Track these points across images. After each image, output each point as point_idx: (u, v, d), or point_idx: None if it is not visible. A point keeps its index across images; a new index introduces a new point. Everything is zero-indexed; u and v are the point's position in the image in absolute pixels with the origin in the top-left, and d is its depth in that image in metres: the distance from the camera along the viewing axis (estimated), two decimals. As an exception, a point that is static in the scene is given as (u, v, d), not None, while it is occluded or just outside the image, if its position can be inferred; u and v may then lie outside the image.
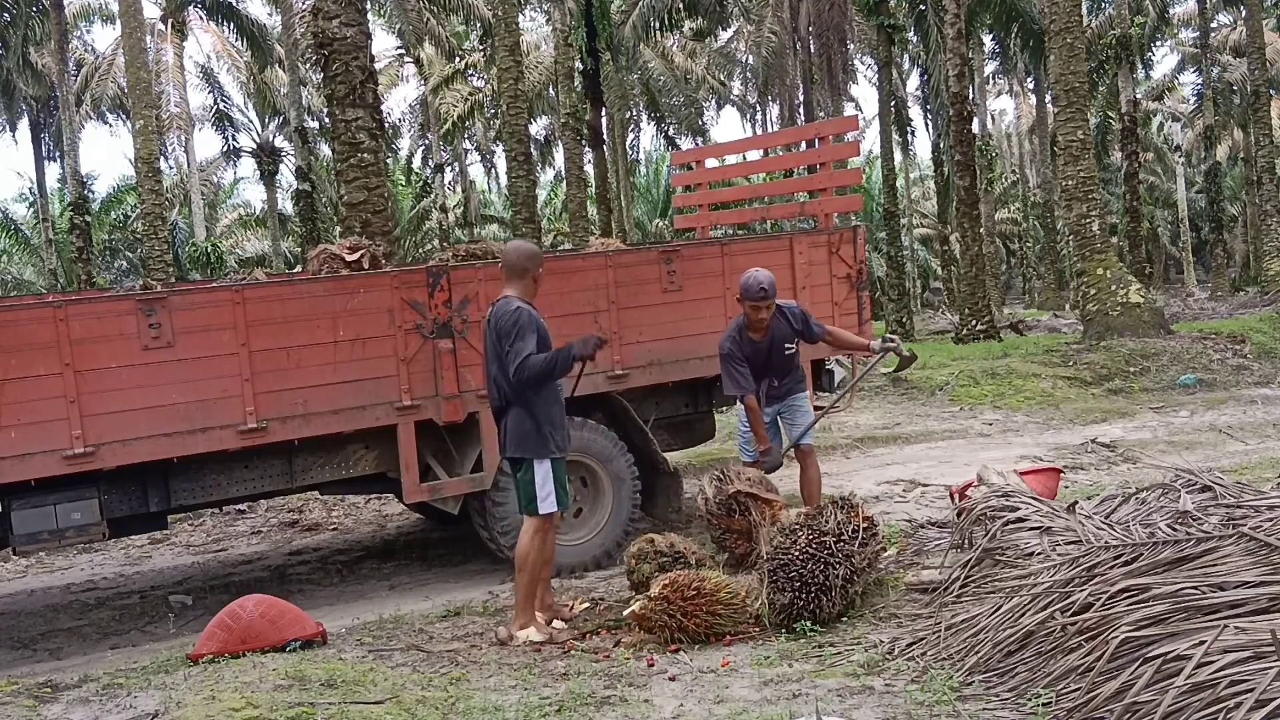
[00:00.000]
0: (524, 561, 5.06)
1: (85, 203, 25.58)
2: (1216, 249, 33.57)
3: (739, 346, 6.09)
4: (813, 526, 4.85)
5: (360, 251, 6.52)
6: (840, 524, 4.87)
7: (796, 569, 4.70)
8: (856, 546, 4.83)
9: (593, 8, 22.51)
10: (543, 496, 5.05)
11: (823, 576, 4.70)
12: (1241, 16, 30.93)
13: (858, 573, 4.85)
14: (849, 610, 4.85)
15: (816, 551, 4.73)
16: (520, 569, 5.08)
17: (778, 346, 6.16)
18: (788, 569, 4.72)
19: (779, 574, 4.74)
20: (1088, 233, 15.14)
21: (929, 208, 46.24)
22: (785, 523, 4.96)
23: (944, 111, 24.06)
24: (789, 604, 4.70)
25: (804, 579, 4.69)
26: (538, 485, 5.04)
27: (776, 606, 4.74)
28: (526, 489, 5.08)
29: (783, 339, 6.17)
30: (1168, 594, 3.64)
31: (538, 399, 5.02)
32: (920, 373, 13.28)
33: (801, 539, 4.79)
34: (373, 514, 8.77)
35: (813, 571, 4.69)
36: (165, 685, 4.46)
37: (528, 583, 5.07)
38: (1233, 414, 10.72)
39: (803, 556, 4.72)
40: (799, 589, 4.69)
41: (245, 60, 31.26)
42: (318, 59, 10.56)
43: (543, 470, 5.05)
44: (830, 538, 4.78)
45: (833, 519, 4.90)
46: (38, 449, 5.25)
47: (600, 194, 26.56)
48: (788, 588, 4.70)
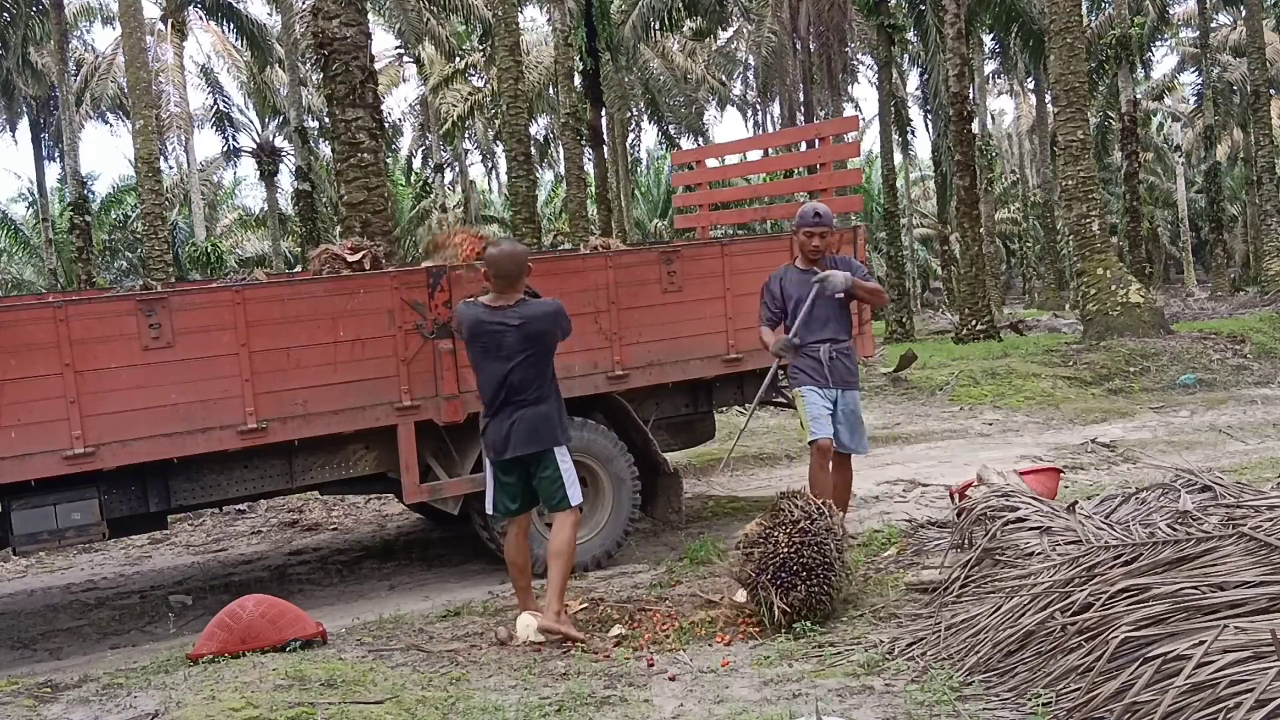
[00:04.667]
0: (564, 548, 5.04)
1: (85, 203, 25.58)
2: (1216, 249, 33.58)
3: (781, 279, 5.93)
4: (783, 523, 4.86)
5: (362, 252, 6.53)
6: (804, 510, 4.89)
7: (795, 562, 4.72)
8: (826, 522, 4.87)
9: (593, 8, 22.52)
10: (570, 483, 5.07)
11: (821, 555, 4.73)
12: (1241, 16, 30.92)
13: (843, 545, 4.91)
14: (843, 600, 4.84)
15: (803, 539, 4.75)
16: (559, 555, 5.03)
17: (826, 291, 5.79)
18: (787, 566, 4.73)
19: (781, 574, 4.74)
20: (1088, 233, 15.14)
21: (929, 208, 46.27)
22: (753, 535, 4.94)
23: (944, 111, 24.03)
24: (805, 596, 4.71)
25: (806, 566, 4.71)
26: (565, 475, 5.06)
27: (794, 605, 4.72)
28: (553, 484, 5.06)
29: None
30: (1168, 594, 3.64)
31: (555, 391, 5.10)
32: (920, 373, 13.28)
33: (782, 537, 4.80)
34: (373, 514, 8.77)
35: (810, 556, 4.72)
36: (165, 685, 4.46)
37: (564, 569, 5.06)
38: (1233, 414, 10.73)
39: (793, 550, 4.74)
40: (806, 577, 4.70)
41: (245, 60, 31.26)
42: (318, 59, 10.57)
43: (566, 457, 5.08)
44: (805, 523, 4.81)
45: (794, 509, 4.91)
46: (38, 449, 5.25)
47: (600, 194, 26.57)
48: (796, 582, 4.71)
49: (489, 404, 5.07)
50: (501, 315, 4.99)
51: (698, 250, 7.05)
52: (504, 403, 5.02)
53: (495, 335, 4.98)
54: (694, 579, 5.87)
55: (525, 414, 4.99)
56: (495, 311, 5.01)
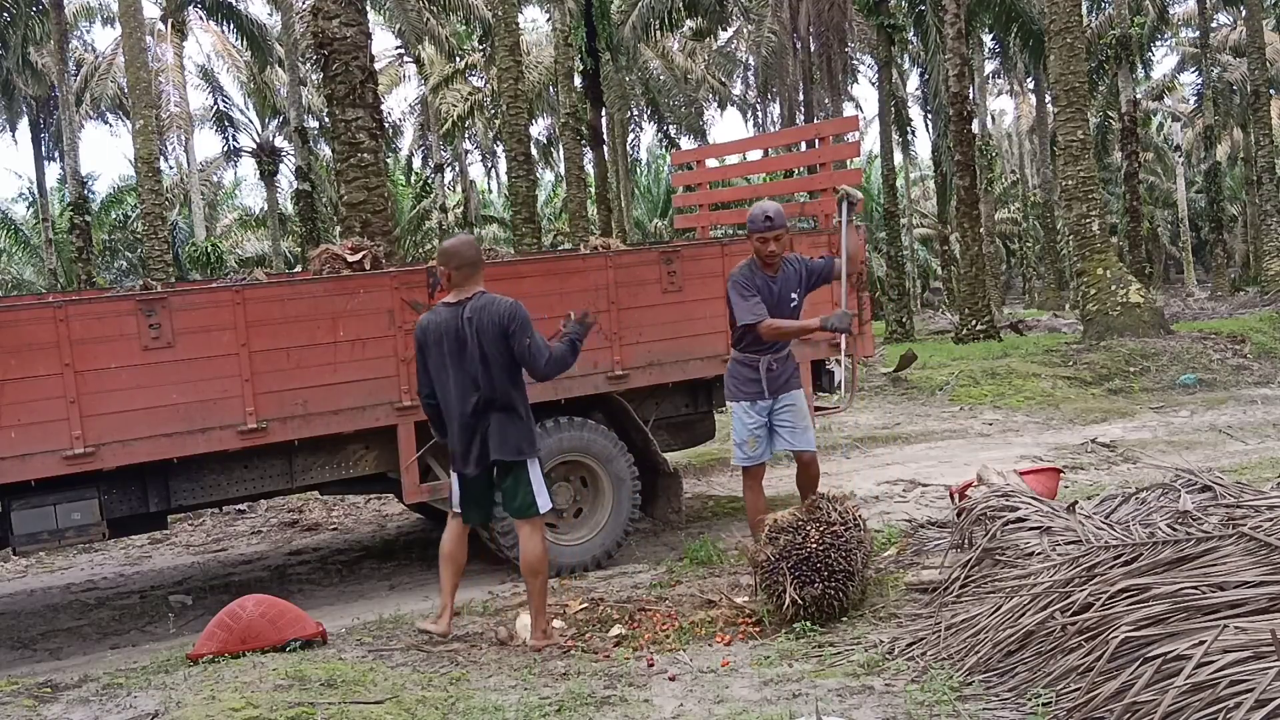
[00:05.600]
0: (539, 565, 4.91)
1: (85, 203, 25.58)
2: (1216, 249, 33.59)
3: (751, 278, 5.69)
4: (818, 520, 4.88)
5: (362, 252, 6.53)
6: (841, 515, 4.92)
7: (820, 560, 4.74)
8: (859, 534, 4.92)
9: (593, 8, 22.51)
10: (539, 492, 4.94)
11: (846, 563, 4.75)
12: (1241, 16, 30.93)
13: (867, 561, 4.95)
14: (849, 609, 4.87)
15: (834, 541, 4.78)
16: (535, 573, 4.91)
17: (785, 294, 5.71)
18: (810, 561, 4.75)
19: (802, 567, 4.75)
20: (1088, 233, 15.14)
21: (929, 208, 46.24)
22: (784, 522, 4.97)
23: (944, 111, 24.01)
24: (820, 594, 4.72)
25: (830, 568, 4.73)
26: (535, 484, 4.92)
27: (807, 600, 4.73)
28: (523, 491, 4.92)
29: (789, 287, 5.73)
30: (1168, 594, 3.64)
31: (522, 397, 4.88)
32: (920, 373, 13.28)
33: (813, 532, 4.81)
34: (373, 514, 8.77)
35: (835, 559, 4.74)
36: (165, 685, 4.46)
37: (543, 587, 4.95)
38: (1233, 414, 10.73)
39: (821, 547, 4.76)
40: (826, 577, 4.72)
41: (245, 60, 31.26)
42: (318, 59, 10.56)
43: (536, 467, 4.95)
44: (839, 527, 4.84)
45: (832, 511, 4.94)
46: (38, 449, 5.25)
47: (600, 194, 26.56)
48: (816, 579, 4.72)
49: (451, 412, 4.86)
50: (457, 311, 4.80)
51: (698, 250, 7.06)
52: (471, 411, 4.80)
53: (455, 333, 4.76)
54: (694, 579, 5.87)
55: (495, 421, 4.79)
56: (454, 308, 4.82)
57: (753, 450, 5.79)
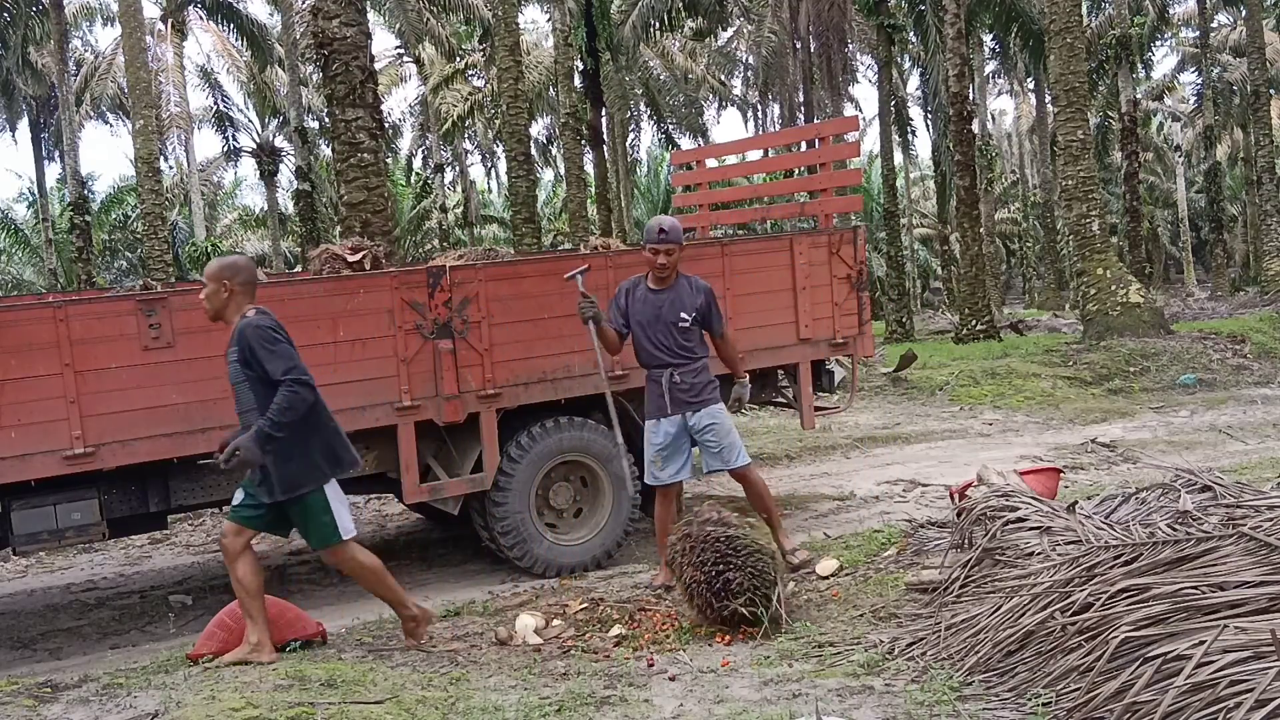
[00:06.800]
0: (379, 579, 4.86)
1: (85, 203, 25.58)
2: (1216, 249, 33.60)
3: (630, 291, 5.68)
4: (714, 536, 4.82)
5: (362, 252, 6.53)
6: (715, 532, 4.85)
7: (720, 583, 4.74)
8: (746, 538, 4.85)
9: (593, 8, 22.51)
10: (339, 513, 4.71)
11: (754, 579, 4.73)
12: (1241, 16, 30.93)
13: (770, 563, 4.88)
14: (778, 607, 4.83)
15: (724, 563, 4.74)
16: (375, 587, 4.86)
17: (672, 310, 5.60)
18: (710, 586, 4.75)
19: (703, 590, 4.77)
20: (1088, 233, 15.14)
21: (929, 208, 46.25)
22: (693, 538, 4.88)
23: (944, 111, 24.03)
24: (731, 613, 4.74)
25: (730, 590, 4.72)
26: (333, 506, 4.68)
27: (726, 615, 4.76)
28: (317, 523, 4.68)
29: (680, 307, 5.61)
30: (1168, 594, 3.64)
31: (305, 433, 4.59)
32: (920, 373, 13.28)
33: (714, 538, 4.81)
34: (373, 514, 8.77)
35: (736, 579, 4.72)
36: (165, 685, 4.46)
37: (389, 590, 4.89)
38: (1233, 414, 10.73)
39: (710, 576, 4.75)
40: (735, 596, 4.73)
41: (245, 60, 31.24)
42: (318, 59, 10.56)
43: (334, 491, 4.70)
44: (721, 545, 4.78)
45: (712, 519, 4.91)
46: (38, 449, 5.25)
47: (600, 194, 26.56)
48: (727, 597, 4.74)
49: None
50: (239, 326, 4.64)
51: (698, 250, 7.05)
52: None
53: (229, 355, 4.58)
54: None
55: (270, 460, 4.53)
56: None
57: (659, 470, 5.75)
